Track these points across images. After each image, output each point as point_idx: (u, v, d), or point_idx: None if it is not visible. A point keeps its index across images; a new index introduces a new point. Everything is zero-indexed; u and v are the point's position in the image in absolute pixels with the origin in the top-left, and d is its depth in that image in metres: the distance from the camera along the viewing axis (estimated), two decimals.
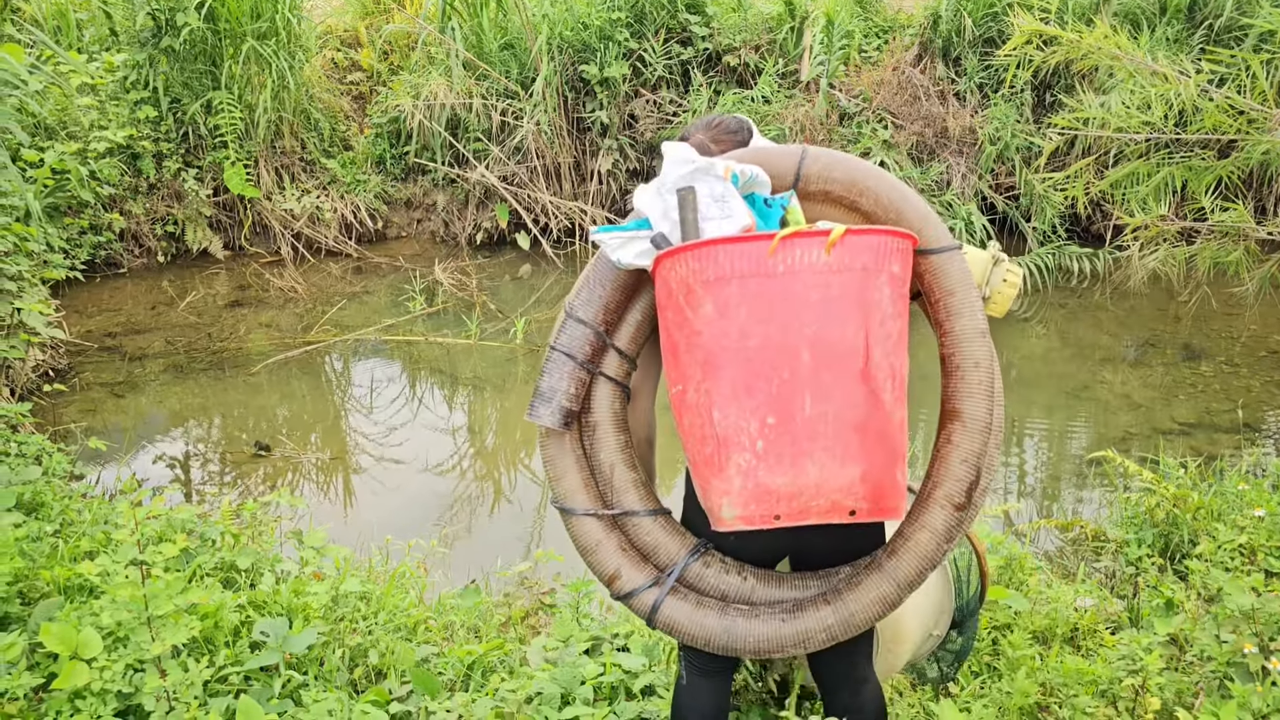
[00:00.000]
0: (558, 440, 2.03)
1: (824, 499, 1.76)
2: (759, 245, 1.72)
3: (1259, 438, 5.48)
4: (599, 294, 1.97)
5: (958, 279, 1.99)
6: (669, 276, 1.80)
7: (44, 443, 4.55)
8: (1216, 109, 3.67)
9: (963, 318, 1.99)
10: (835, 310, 1.73)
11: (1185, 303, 7.33)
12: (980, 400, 1.98)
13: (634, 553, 2.05)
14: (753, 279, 1.72)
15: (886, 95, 8.43)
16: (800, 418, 1.72)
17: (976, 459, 1.96)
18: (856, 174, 1.98)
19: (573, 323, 1.97)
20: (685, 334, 1.77)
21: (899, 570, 1.94)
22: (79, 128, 7.60)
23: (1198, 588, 3.12)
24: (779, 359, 1.72)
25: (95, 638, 2.41)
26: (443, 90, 8.66)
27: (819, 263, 1.72)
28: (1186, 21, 8.07)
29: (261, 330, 7.15)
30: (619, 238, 1.90)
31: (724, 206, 1.81)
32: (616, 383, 2.04)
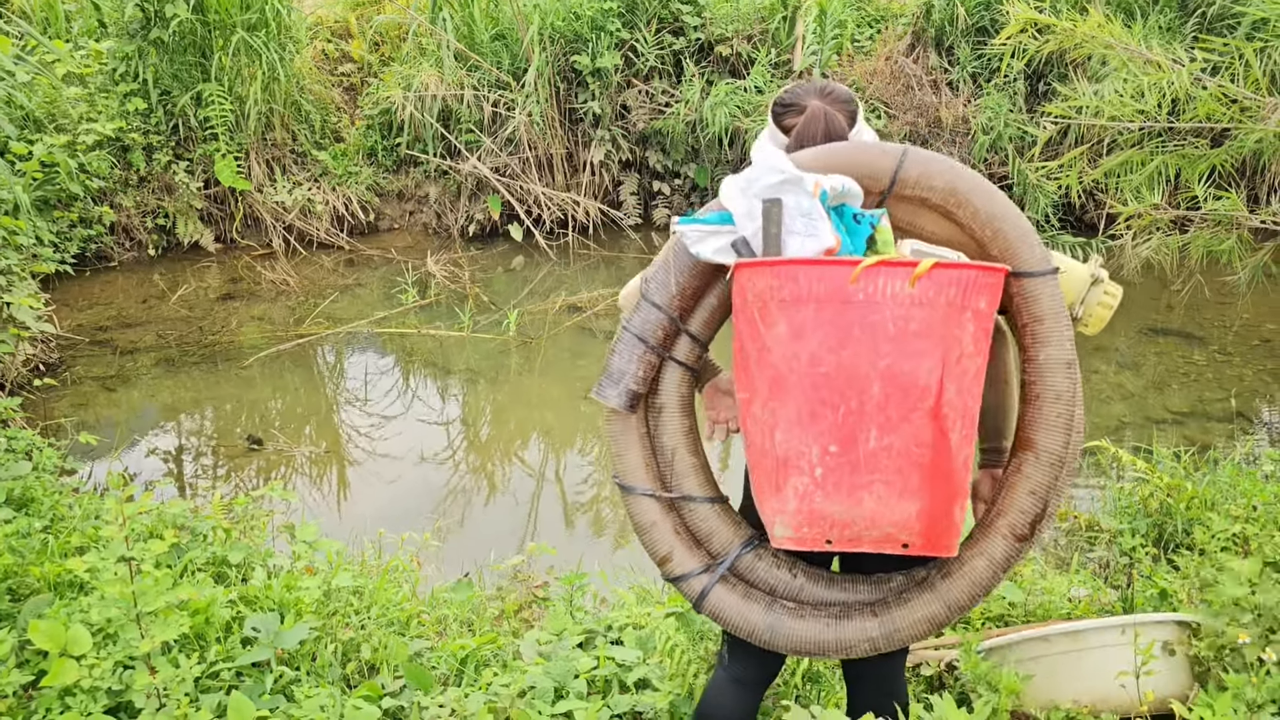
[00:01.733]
0: (623, 419, 2.01)
1: (878, 530, 1.75)
2: (841, 270, 1.68)
3: (1252, 427, 5.49)
4: (675, 279, 1.92)
5: (1049, 306, 1.92)
6: (746, 286, 1.77)
7: (34, 438, 4.53)
8: (1210, 97, 3.66)
9: (1049, 346, 1.91)
10: (912, 345, 1.69)
11: (1178, 292, 7.33)
12: (1057, 434, 1.90)
13: (688, 536, 2.04)
14: (830, 304, 1.68)
15: (879, 85, 8.41)
16: (864, 449, 1.70)
17: (1045, 493, 1.91)
18: (958, 183, 1.90)
19: (647, 305, 1.93)
20: (756, 347, 1.76)
21: (951, 593, 1.93)
22: (68, 120, 7.55)
23: (1192, 577, 3.12)
24: (848, 389, 1.69)
25: (85, 635, 2.40)
26: (434, 82, 8.62)
27: (901, 294, 1.68)
28: (1179, 10, 8.06)
29: (253, 323, 7.12)
30: (700, 230, 1.85)
31: (810, 224, 1.76)
32: (687, 367, 2.01)
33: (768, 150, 1.87)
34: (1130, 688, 2.47)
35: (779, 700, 2.76)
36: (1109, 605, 3.22)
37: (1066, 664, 2.56)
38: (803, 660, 2.82)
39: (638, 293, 1.98)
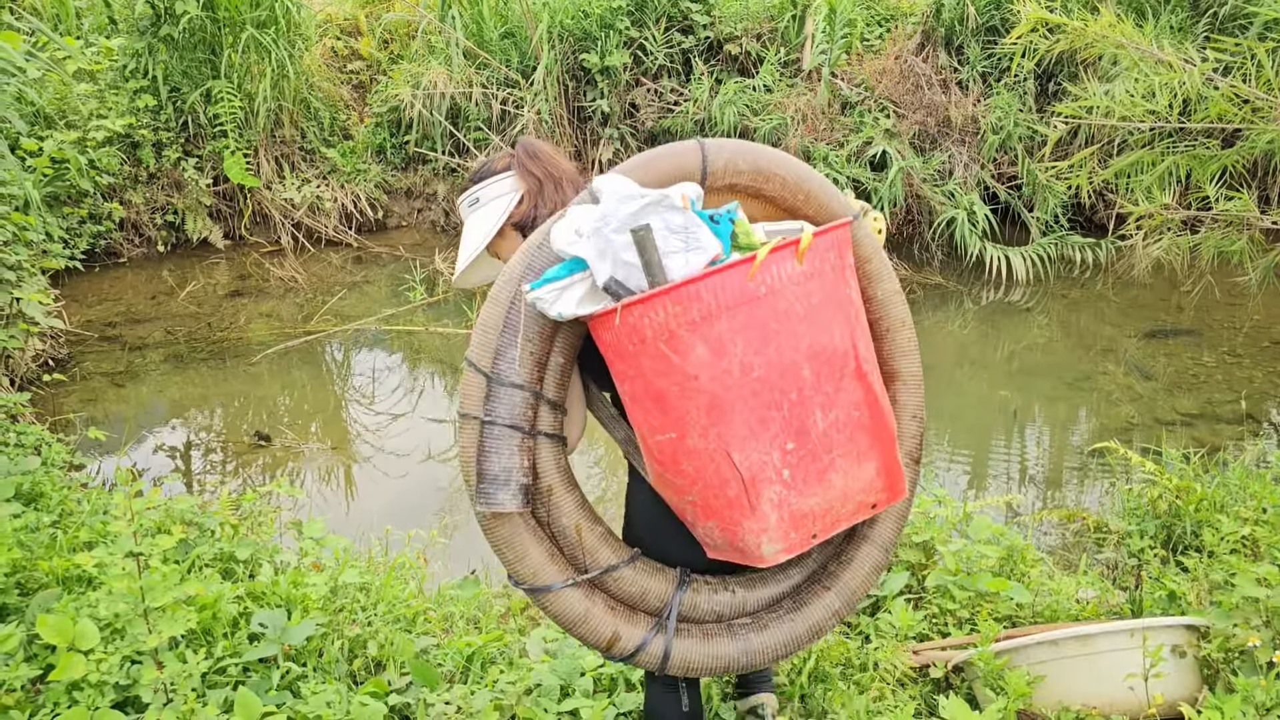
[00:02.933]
0: (506, 519, 1.85)
1: (851, 503, 1.77)
2: (738, 273, 1.63)
3: (1262, 429, 5.47)
4: (529, 351, 1.80)
5: (870, 245, 1.99)
6: (640, 324, 1.65)
7: (43, 433, 4.54)
8: (1221, 97, 3.64)
9: (883, 282, 2.01)
10: (821, 317, 1.70)
11: (1188, 293, 7.31)
12: (914, 357, 2.02)
13: (622, 608, 1.95)
14: (740, 309, 1.64)
15: (889, 84, 8.38)
16: (816, 433, 1.70)
17: (922, 413, 2.03)
18: (760, 162, 1.91)
19: (506, 389, 1.80)
20: (675, 381, 1.66)
21: (883, 535, 2.01)
22: (78, 116, 7.57)
23: (1201, 580, 3.10)
24: (784, 383, 1.67)
25: (92, 629, 2.40)
26: (443, 79, 8.62)
27: (795, 274, 1.67)
28: (1191, 9, 8.02)
29: (261, 320, 7.14)
30: (554, 289, 1.72)
31: (687, 237, 1.68)
32: (556, 438, 1.90)
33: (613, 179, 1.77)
34: (1139, 690, 2.46)
35: (784, 701, 2.76)
36: (1117, 607, 3.21)
37: (1076, 667, 2.55)
38: (807, 661, 2.82)
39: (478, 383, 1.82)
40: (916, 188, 7.95)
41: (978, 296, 7.65)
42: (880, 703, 2.69)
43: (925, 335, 6.95)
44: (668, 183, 1.84)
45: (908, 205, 8.07)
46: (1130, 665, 2.46)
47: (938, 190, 8.04)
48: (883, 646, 2.86)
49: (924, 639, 3.05)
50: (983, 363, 6.60)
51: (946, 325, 7.13)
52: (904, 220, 8.26)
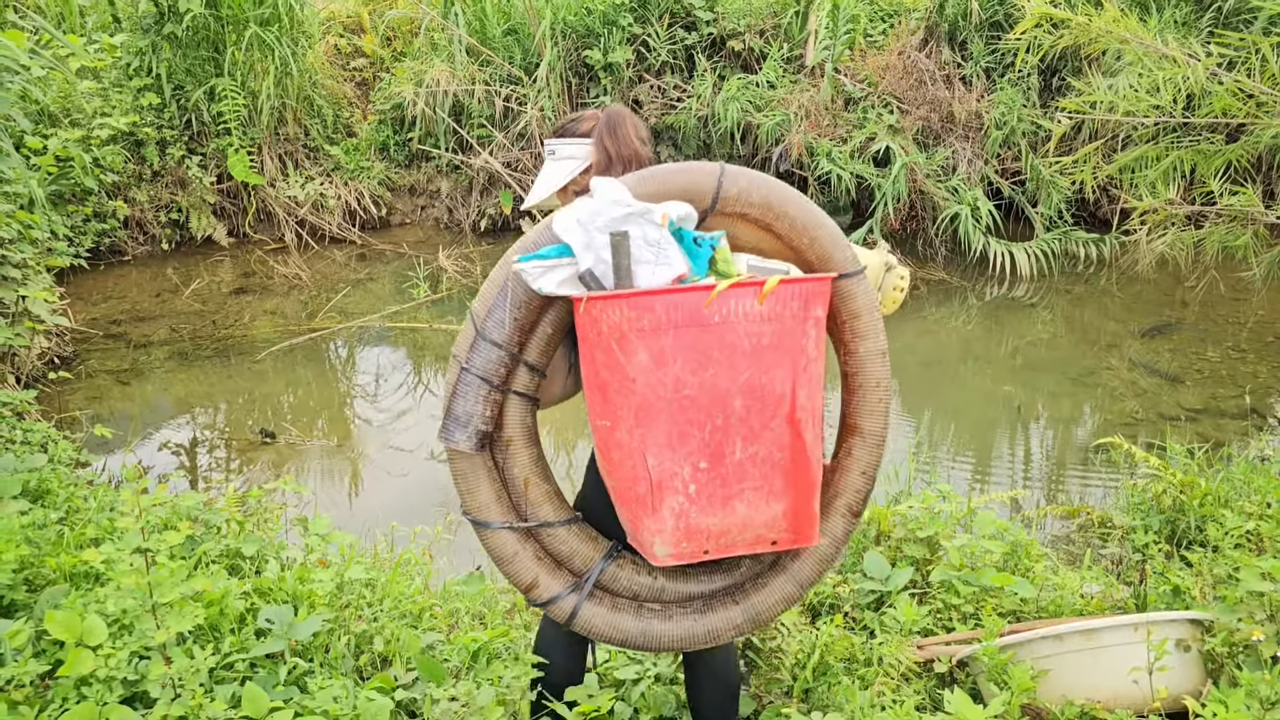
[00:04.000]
0: (468, 458, 2.03)
1: (750, 533, 1.86)
2: (695, 296, 1.74)
3: (1266, 424, 5.46)
4: (513, 315, 1.94)
5: (863, 302, 2.06)
6: (600, 318, 1.79)
7: (49, 430, 4.56)
8: (1226, 92, 3.64)
9: (867, 340, 2.08)
10: (766, 358, 1.79)
11: (1192, 288, 7.30)
12: (879, 418, 2.10)
13: (550, 561, 2.11)
14: (688, 329, 1.75)
15: (892, 80, 8.38)
16: (731, 461, 1.80)
17: (874, 471, 2.12)
18: (774, 198, 1.99)
19: (486, 345, 1.95)
20: (617, 378, 1.79)
21: (801, 572, 2.11)
22: (82, 114, 7.58)
23: (1205, 574, 3.11)
24: (712, 407, 1.77)
25: (100, 625, 2.41)
26: (446, 76, 8.63)
27: (752, 312, 1.77)
28: (1195, 4, 8.00)
29: (266, 317, 7.15)
30: (540, 266, 1.86)
31: (659, 252, 1.81)
32: (528, 397, 2.05)
33: (606, 183, 1.89)
34: (1143, 684, 2.46)
35: (789, 695, 2.76)
36: (1122, 602, 3.21)
37: (1080, 661, 2.55)
38: (812, 655, 2.83)
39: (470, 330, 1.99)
40: (920, 183, 7.94)
41: (981, 292, 7.65)
42: (884, 697, 2.70)
43: (929, 331, 6.96)
44: (677, 197, 1.93)
45: (911, 201, 8.06)
46: (1134, 659, 2.46)
47: (941, 186, 8.03)
48: (887, 641, 2.86)
49: (928, 634, 3.06)
50: (987, 358, 6.60)
51: (950, 321, 7.13)
52: (908, 216, 8.25)
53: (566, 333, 2.03)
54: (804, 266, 2.05)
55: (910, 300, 7.40)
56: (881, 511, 3.53)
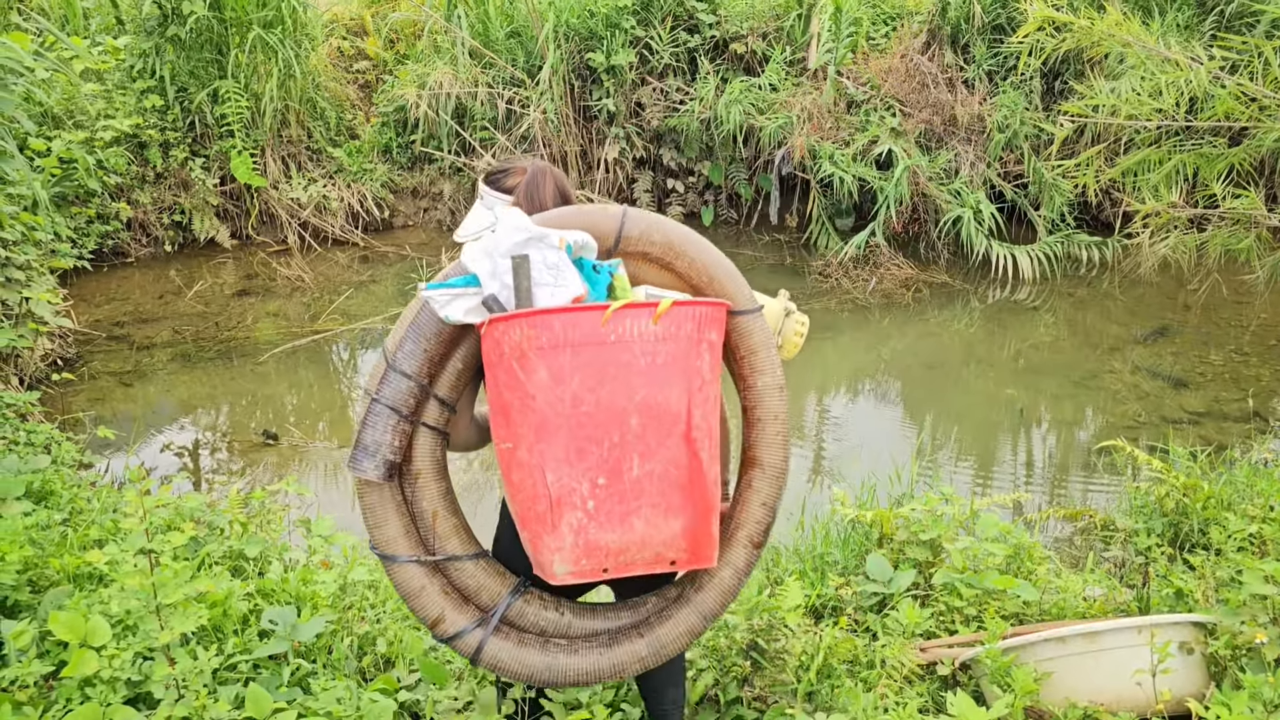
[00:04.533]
0: (378, 490, 2.07)
1: (649, 551, 1.89)
2: (592, 315, 1.81)
3: (1269, 427, 5.46)
4: (423, 347, 1.98)
5: (760, 339, 2.14)
6: (501, 339, 1.84)
7: (53, 431, 4.56)
8: (1228, 96, 3.64)
9: (765, 375, 2.14)
10: (661, 376, 1.84)
11: (1195, 291, 7.30)
12: (779, 450, 2.15)
13: (456, 595, 2.13)
14: (585, 347, 1.81)
15: (894, 83, 8.38)
16: (628, 477, 1.83)
17: (774, 503, 2.15)
18: (674, 239, 2.08)
19: (396, 376, 1.98)
20: (518, 396, 1.83)
21: (705, 604, 2.14)
22: (86, 117, 7.59)
23: (1208, 577, 3.10)
24: (610, 423, 1.82)
25: (104, 626, 2.42)
26: (448, 79, 8.64)
27: (647, 332, 1.84)
28: (1198, 7, 8.01)
29: (269, 319, 7.16)
30: (447, 294, 1.92)
31: (557, 274, 1.88)
32: (438, 431, 2.08)
33: (509, 213, 1.96)
34: (1146, 687, 2.46)
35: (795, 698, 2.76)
36: (1124, 605, 3.21)
37: (1083, 664, 2.55)
38: (816, 657, 2.83)
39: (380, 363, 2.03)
40: (922, 186, 7.95)
41: (984, 295, 7.65)
42: (887, 699, 2.70)
43: (931, 334, 6.96)
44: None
45: (914, 204, 8.07)
46: (1137, 662, 2.46)
47: (944, 189, 8.03)
48: (890, 644, 2.86)
49: (931, 636, 3.06)
50: (989, 361, 6.60)
51: (953, 324, 7.13)
52: (910, 219, 8.26)
53: (476, 371, 2.08)
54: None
55: (913, 303, 7.40)
56: (884, 514, 3.53)
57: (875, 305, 7.41)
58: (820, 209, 8.39)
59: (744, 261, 8.37)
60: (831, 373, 6.55)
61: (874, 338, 6.96)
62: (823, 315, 7.27)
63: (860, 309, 7.35)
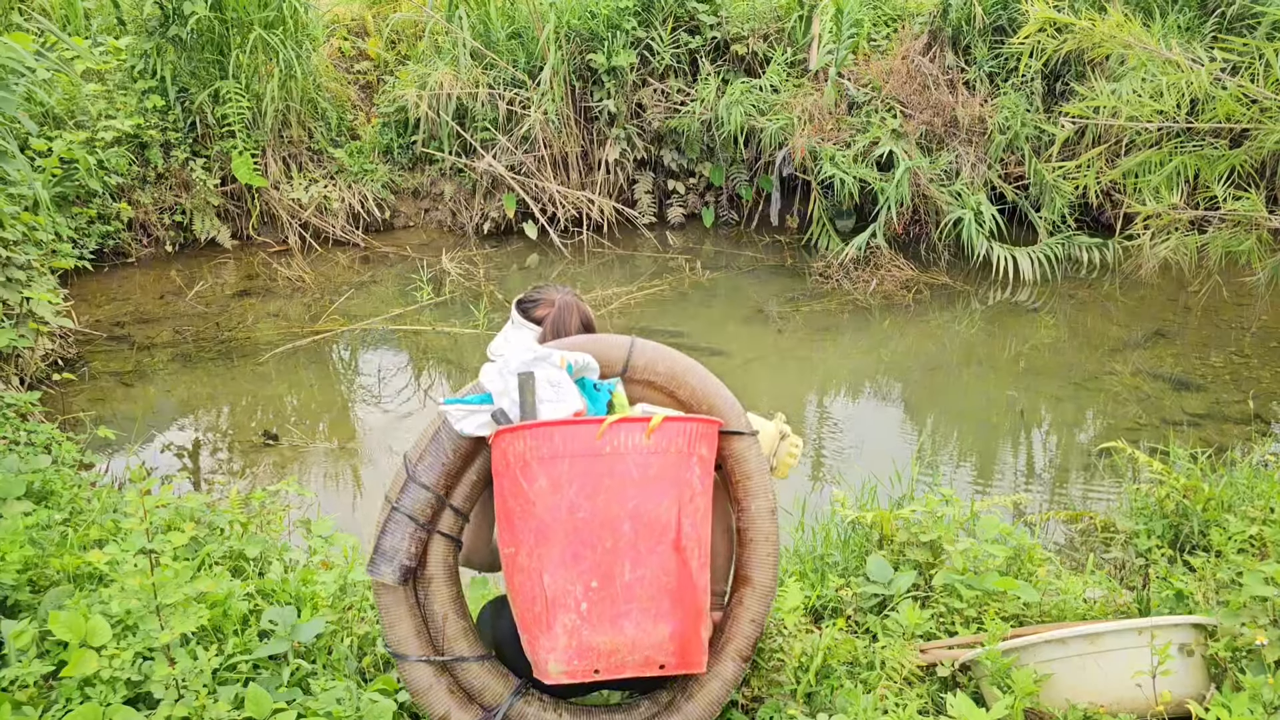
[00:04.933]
0: (392, 591, 2.19)
1: (639, 654, 1.98)
2: (589, 428, 1.94)
3: (1270, 429, 5.46)
4: (441, 460, 2.13)
5: (754, 465, 2.28)
6: (507, 450, 1.97)
7: (53, 431, 4.56)
8: (1229, 97, 3.64)
9: (758, 498, 2.27)
10: (653, 487, 1.95)
11: (1196, 293, 7.30)
12: (769, 570, 2.28)
13: (461, 694, 2.24)
14: (583, 458, 1.93)
15: (895, 84, 8.38)
16: (620, 582, 1.94)
17: (762, 619, 2.31)
18: (677, 369, 2.24)
19: (416, 487, 2.13)
20: (520, 503, 1.95)
21: (694, 712, 2.24)
22: (87, 117, 7.60)
23: (1209, 579, 3.10)
24: (604, 530, 1.92)
25: (104, 626, 2.42)
26: (449, 80, 8.64)
27: (641, 445, 1.96)
28: (1199, 9, 8.01)
29: (269, 319, 7.16)
30: (463, 410, 2.08)
31: (558, 391, 2.03)
32: (451, 538, 2.21)
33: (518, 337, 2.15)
34: (1146, 688, 2.46)
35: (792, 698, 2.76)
36: (1125, 606, 3.21)
37: (1083, 665, 2.55)
38: (815, 657, 2.82)
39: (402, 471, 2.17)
40: (923, 188, 7.95)
41: (985, 297, 7.65)
42: (887, 700, 2.69)
43: (932, 335, 6.96)
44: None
45: (914, 205, 8.07)
46: (1138, 664, 2.46)
47: (944, 190, 8.03)
48: (890, 645, 2.86)
49: (931, 637, 3.06)
50: (990, 363, 6.60)
51: (953, 325, 7.13)
52: (911, 220, 8.26)
53: (489, 483, 2.19)
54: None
55: (913, 304, 7.40)
56: (884, 515, 3.53)
57: (876, 306, 7.41)
58: (821, 210, 8.39)
59: (744, 263, 8.37)
60: (832, 374, 6.55)
61: (874, 339, 6.96)
62: (823, 317, 7.27)
63: (861, 310, 7.35)
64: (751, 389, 6.22)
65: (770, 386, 6.27)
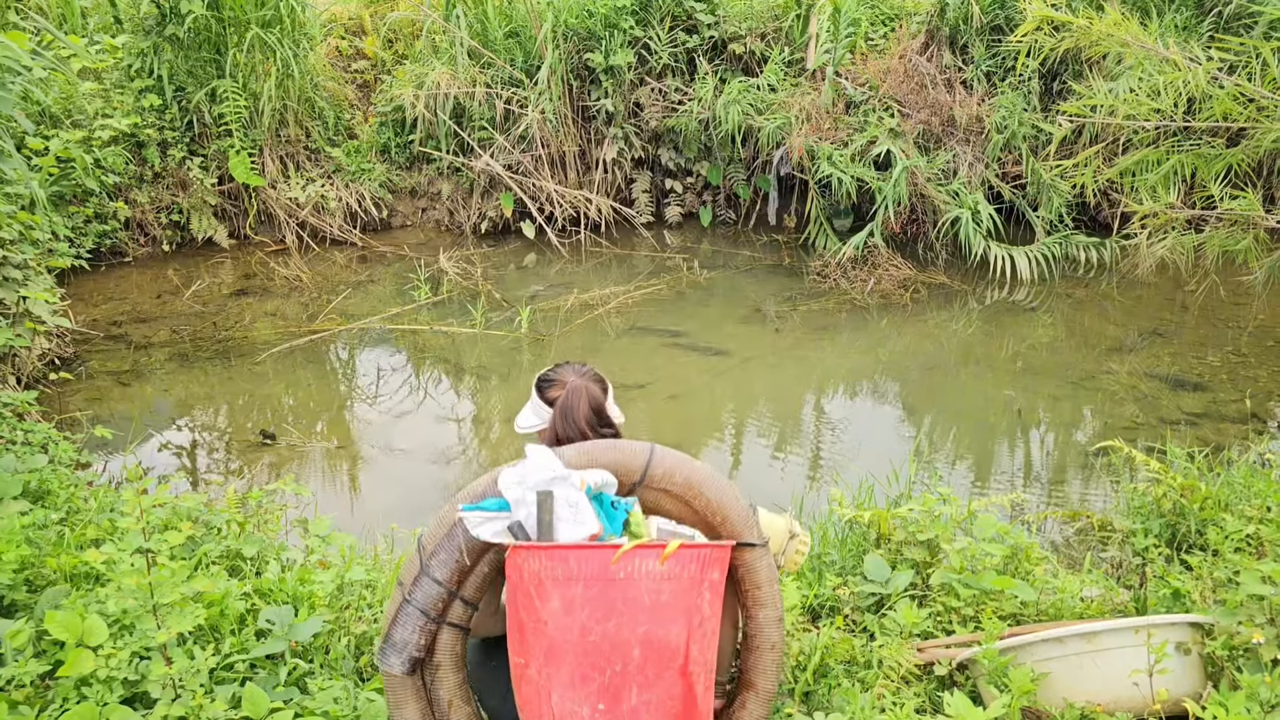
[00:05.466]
0: (401, 679, 2.24)
1: None
2: (604, 553, 1.97)
3: (1267, 428, 5.47)
4: (455, 558, 2.19)
5: (765, 575, 2.31)
6: (523, 565, 2.00)
7: (50, 431, 4.56)
8: (1226, 96, 3.64)
9: (767, 608, 2.32)
10: (664, 613, 1.98)
11: (1193, 292, 7.31)
12: (771, 676, 2.34)
13: None
14: (596, 582, 1.96)
15: (893, 83, 8.39)
16: (626, 705, 1.96)
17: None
18: (694, 479, 2.25)
19: (429, 581, 2.19)
20: (532, 619, 1.99)
21: None
22: (83, 116, 7.59)
23: (1206, 578, 3.11)
24: (614, 654, 1.95)
25: (101, 625, 2.42)
26: (447, 79, 8.64)
27: (654, 571, 1.98)
28: (1196, 8, 8.02)
29: (266, 319, 7.15)
30: (480, 516, 2.12)
31: (576, 512, 2.05)
32: (460, 627, 2.26)
33: (540, 451, 2.15)
34: (1143, 687, 2.46)
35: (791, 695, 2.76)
36: (1122, 605, 3.21)
37: (1080, 664, 2.55)
38: (813, 656, 2.83)
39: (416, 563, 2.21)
40: (921, 187, 7.95)
41: (982, 296, 7.65)
42: (884, 699, 2.70)
43: (930, 335, 6.96)
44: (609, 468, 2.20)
45: (912, 204, 8.07)
46: (1135, 662, 2.46)
47: (942, 189, 8.04)
48: (887, 644, 2.86)
49: (928, 636, 3.06)
50: (987, 362, 6.61)
51: (951, 325, 7.13)
52: (908, 220, 8.26)
53: (499, 571, 2.24)
54: (714, 537, 2.30)
55: (911, 304, 7.40)
56: (882, 514, 3.53)
57: (873, 306, 7.41)
58: (818, 209, 8.39)
59: (742, 262, 8.37)
60: (830, 373, 6.55)
61: (872, 338, 6.96)
62: (821, 316, 7.27)
63: (858, 310, 7.35)
64: (749, 388, 6.22)
65: (768, 386, 6.27)
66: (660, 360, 6.41)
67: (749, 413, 6.01)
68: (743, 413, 6.00)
